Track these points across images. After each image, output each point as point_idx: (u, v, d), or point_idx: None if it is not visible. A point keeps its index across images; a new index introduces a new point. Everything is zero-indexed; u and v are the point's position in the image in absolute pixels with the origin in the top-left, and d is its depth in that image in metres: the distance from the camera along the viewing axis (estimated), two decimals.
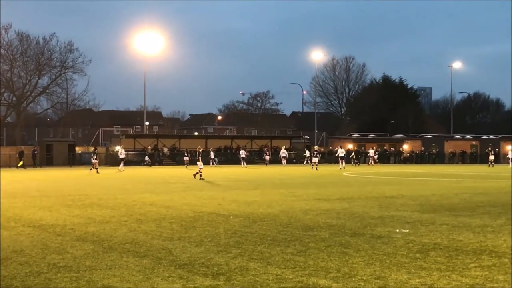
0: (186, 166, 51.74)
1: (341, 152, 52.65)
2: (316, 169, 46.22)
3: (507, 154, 65.84)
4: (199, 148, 35.52)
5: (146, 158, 59.62)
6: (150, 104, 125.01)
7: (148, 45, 69.64)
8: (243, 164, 54.58)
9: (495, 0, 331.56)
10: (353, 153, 62.31)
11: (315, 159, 49.39)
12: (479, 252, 9.05)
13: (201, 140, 71.29)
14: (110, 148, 65.25)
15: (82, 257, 8.77)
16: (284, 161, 61.40)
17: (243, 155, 56.47)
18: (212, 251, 9.17)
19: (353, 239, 10.31)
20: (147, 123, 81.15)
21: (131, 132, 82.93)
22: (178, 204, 16.90)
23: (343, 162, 51.23)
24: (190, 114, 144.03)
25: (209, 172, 40.08)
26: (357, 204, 16.92)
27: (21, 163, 54.72)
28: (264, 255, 8.84)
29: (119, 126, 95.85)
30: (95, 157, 44.29)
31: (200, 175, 31.54)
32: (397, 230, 12.17)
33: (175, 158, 62.66)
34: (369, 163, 64.43)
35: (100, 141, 70.86)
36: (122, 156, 47.88)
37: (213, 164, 57.43)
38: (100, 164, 51.46)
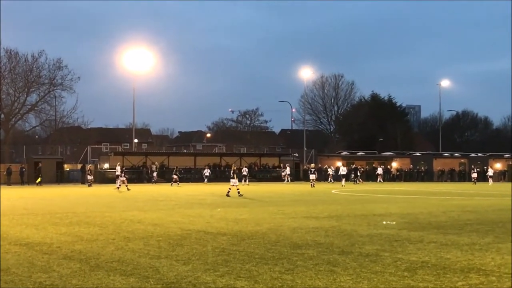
0: (171, 184, 51.89)
1: (342, 170, 53.45)
2: (313, 186, 47.11)
3: (487, 172, 66.25)
4: (234, 166, 35.45)
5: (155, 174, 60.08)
6: (139, 121, 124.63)
7: (137, 62, 69.78)
8: (245, 181, 54.30)
9: (482, 18, 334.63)
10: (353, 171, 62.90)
11: (312, 176, 50.33)
12: (467, 270, 9.05)
13: (190, 158, 71.26)
14: (98, 166, 65.02)
15: (68, 276, 8.70)
16: (288, 178, 62.67)
17: (245, 173, 56.43)
18: (200, 269, 9.12)
19: (341, 257, 10.29)
20: (136, 140, 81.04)
21: (120, 150, 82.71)
22: (166, 222, 16.83)
23: (344, 180, 52.12)
24: (179, 132, 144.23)
25: (200, 189, 39.97)
26: (345, 222, 16.91)
27: (39, 179, 54.78)
28: (251, 273, 8.80)
29: (108, 144, 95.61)
30: (122, 174, 44.11)
31: (238, 190, 32.09)
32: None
33: (164, 176, 62.46)
34: (378, 180, 65.13)
35: (88, 159, 70.58)
36: (118, 173, 47.97)
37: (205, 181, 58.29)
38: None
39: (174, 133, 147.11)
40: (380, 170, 67.75)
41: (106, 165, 65.22)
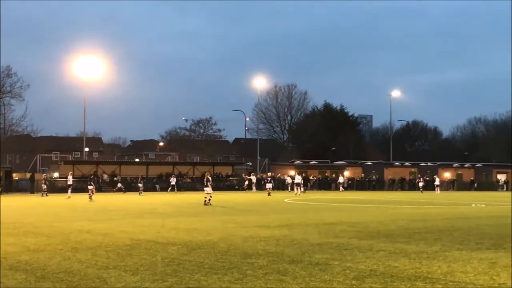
0: (139, 193, 51.71)
1: (297, 179, 53.82)
2: (269, 195, 48.22)
3: (435, 181, 67.47)
4: (207, 174, 35.36)
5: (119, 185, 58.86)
6: (90, 129, 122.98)
7: (88, 70, 69.03)
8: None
9: (433, 29, 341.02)
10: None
11: (269, 185, 51.84)
12: (414, 279, 9.16)
13: (142, 167, 70.68)
14: (48, 175, 63.96)
15: (13, 287, 8.51)
16: (254, 187, 62.73)
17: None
18: (148, 279, 9.02)
19: (291, 266, 10.31)
20: (86, 149, 79.99)
21: (70, 158, 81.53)
22: (116, 231, 16.61)
23: (299, 189, 52.36)
24: (131, 140, 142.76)
25: (152, 199, 39.46)
26: (297, 231, 16.97)
27: None
28: (201, 283, 8.75)
29: (58, 152, 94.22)
30: (91, 183, 43.33)
31: (209, 200, 32.04)
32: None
33: (115, 185, 61.77)
34: (340, 189, 65.70)
35: (38, 168, 69.40)
36: (70, 182, 47.52)
37: (173, 190, 58.92)
38: (38, 191, 50.45)
39: (126, 141, 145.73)
40: (341, 179, 68.58)
41: (56, 174, 64.25)
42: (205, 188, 33.45)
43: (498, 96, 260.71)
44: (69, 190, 46.28)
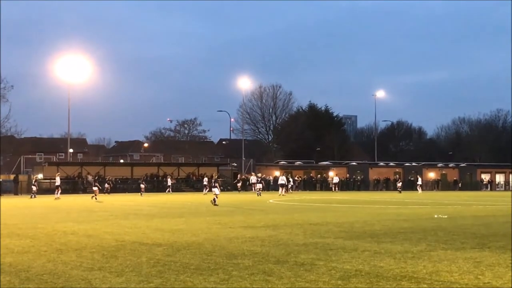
0: (141, 194, 51.46)
1: (281, 180, 53.95)
2: (259, 195, 48.80)
3: (417, 181, 67.71)
4: (215, 175, 35.55)
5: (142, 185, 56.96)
6: (74, 131, 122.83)
7: (73, 70, 68.67)
8: (206, 190, 53.29)
9: (418, 30, 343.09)
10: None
11: (259, 186, 53.21)
12: (399, 278, 9.19)
13: (127, 168, 70.42)
14: (33, 176, 63.54)
15: None
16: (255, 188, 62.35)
17: (205, 183, 55.50)
18: (133, 281, 8.98)
19: (277, 266, 10.30)
20: (71, 150, 79.57)
21: (55, 160, 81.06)
22: (101, 233, 16.52)
23: (283, 190, 52.43)
24: (116, 141, 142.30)
25: (136, 200, 39.32)
26: (282, 231, 16.96)
27: None
28: (186, 284, 8.72)
29: (42, 153, 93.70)
30: (95, 184, 43.13)
31: (215, 200, 32.38)
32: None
33: (101, 186, 61.40)
34: (333, 189, 65.74)
35: (22, 169, 68.92)
36: (57, 183, 47.26)
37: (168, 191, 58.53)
38: (22, 193, 50.06)
39: (111, 142, 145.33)
40: (335, 179, 68.55)
41: (40, 176, 63.83)
42: (213, 189, 34.03)
43: (482, 96, 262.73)
44: (58, 191, 45.85)
